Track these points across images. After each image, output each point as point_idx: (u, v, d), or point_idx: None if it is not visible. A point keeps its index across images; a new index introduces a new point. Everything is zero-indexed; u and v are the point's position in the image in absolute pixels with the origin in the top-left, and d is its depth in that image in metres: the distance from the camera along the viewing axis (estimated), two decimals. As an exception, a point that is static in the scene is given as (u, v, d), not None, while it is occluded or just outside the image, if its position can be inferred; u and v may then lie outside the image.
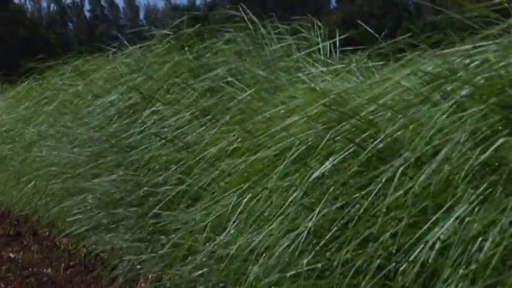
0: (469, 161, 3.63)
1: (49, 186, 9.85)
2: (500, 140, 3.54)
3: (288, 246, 4.40)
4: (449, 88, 4.02)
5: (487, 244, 3.34)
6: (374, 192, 4.02)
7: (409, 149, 3.97)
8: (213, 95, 6.92)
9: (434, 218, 3.61)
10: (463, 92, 3.87)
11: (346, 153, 4.42)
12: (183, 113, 6.93)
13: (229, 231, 5.09)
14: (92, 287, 7.27)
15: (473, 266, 3.36)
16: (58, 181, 9.53)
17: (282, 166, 4.80)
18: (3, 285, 7.51)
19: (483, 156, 3.58)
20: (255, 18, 7.56)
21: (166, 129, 7.03)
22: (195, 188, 6.03)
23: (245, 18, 7.60)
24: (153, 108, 7.49)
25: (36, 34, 55.88)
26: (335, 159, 4.46)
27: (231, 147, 5.78)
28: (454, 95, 3.91)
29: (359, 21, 5.53)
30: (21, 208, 10.80)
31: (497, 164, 3.58)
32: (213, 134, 6.21)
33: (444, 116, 3.87)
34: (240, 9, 7.60)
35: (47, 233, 9.58)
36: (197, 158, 6.10)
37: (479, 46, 4.01)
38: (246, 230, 4.94)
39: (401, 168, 3.92)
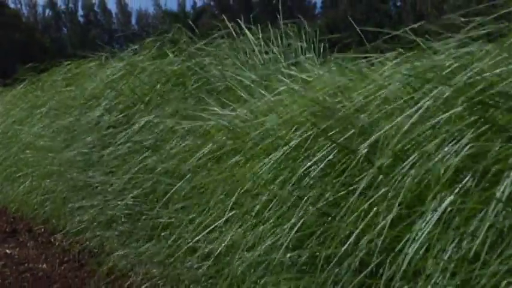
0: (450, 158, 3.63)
1: (43, 185, 9.87)
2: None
3: (275, 242, 4.41)
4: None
5: (465, 239, 3.35)
6: (359, 190, 4.02)
7: (393, 148, 3.97)
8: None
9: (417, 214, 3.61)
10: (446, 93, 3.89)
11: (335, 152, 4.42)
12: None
13: (217, 228, 5.10)
14: (85, 281, 7.26)
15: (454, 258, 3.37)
16: (53, 180, 9.54)
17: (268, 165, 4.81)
18: (0, 280, 7.51)
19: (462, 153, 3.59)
20: (242, 25, 7.57)
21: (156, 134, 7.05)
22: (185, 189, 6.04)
23: (233, 24, 7.61)
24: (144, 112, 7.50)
25: (32, 38, 55.76)
26: (320, 159, 4.47)
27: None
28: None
29: (360, 26, 5.51)
30: (17, 206, 10.80)
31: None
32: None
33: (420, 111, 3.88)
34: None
35: (42, 230, 9.56)
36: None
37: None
38: (233, 227, 4.94)
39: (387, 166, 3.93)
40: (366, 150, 4.19)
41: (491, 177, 3.46)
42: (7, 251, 8.87)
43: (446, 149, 3.69)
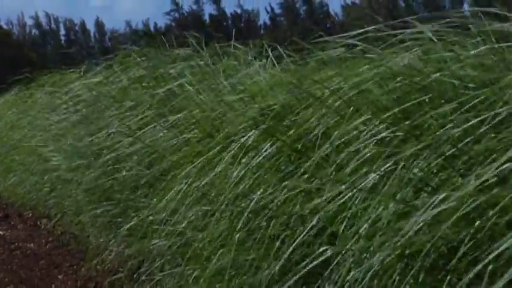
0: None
1: (30, 177, 9.87)
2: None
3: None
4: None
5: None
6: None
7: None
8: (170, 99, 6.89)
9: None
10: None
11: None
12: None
13: (181, 213, 5.07)
14: (67, 258, 7.21)
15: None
16: (39, 174, 9.52)
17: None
18: (-7, 258, 7.47)
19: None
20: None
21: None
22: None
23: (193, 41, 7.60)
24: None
25: (21, 54, 55.33)
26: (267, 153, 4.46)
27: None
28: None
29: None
30: (9, 195, 10.76)
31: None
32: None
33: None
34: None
35: (30, 214, 9.50)
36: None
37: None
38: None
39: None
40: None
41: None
42: (0, 232, 8.78)
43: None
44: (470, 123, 3.25)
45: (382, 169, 3.48)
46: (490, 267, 2.74)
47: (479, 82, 3.52)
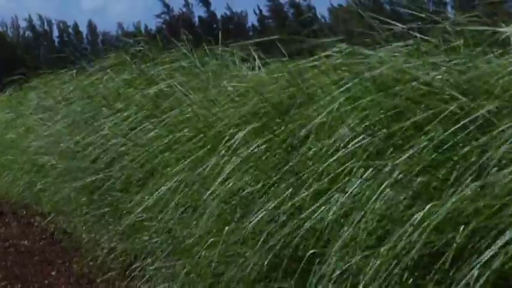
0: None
1: (24, 176, 9.86)
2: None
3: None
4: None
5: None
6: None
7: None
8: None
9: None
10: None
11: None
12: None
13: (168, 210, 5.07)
14: (60, 255, 7.21)
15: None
16: (32, 174, 9.52)
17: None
18: (-12, 254, 7.45)
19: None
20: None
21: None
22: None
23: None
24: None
25: (15, 56, 55.17)
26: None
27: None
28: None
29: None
30: (3, 194, 10.73)
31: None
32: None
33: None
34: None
35: (24, 212, 9.49)
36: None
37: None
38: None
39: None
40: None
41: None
42: (-6, 230, 8.77)
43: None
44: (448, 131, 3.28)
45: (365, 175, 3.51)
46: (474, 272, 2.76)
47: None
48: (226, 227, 4.27)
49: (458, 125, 3.25)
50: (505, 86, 3.34)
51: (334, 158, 3.73)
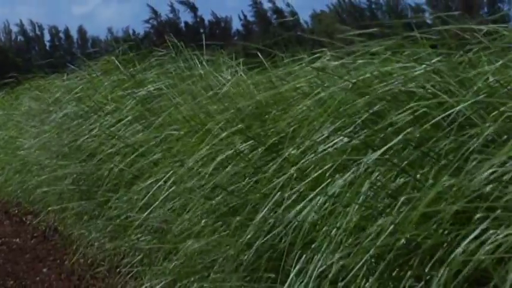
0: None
1: (16, 176, 9.83)
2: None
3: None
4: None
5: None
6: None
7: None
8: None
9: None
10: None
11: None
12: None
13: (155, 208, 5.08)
14: (51, 252, 7.20)
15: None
16: (24, 174, 9.50)
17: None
18: (-20, 253, 7.43)
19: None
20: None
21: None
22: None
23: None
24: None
25: (7, 59, 54.99)
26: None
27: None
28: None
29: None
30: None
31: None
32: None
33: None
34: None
35: (16, 211, 9.47)
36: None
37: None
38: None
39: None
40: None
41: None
42: (-13, 228, 8.75)
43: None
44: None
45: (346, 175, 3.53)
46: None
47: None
48: (213, 224, 4.29)
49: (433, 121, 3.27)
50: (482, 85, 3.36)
51: (312, 159, 3.75)
